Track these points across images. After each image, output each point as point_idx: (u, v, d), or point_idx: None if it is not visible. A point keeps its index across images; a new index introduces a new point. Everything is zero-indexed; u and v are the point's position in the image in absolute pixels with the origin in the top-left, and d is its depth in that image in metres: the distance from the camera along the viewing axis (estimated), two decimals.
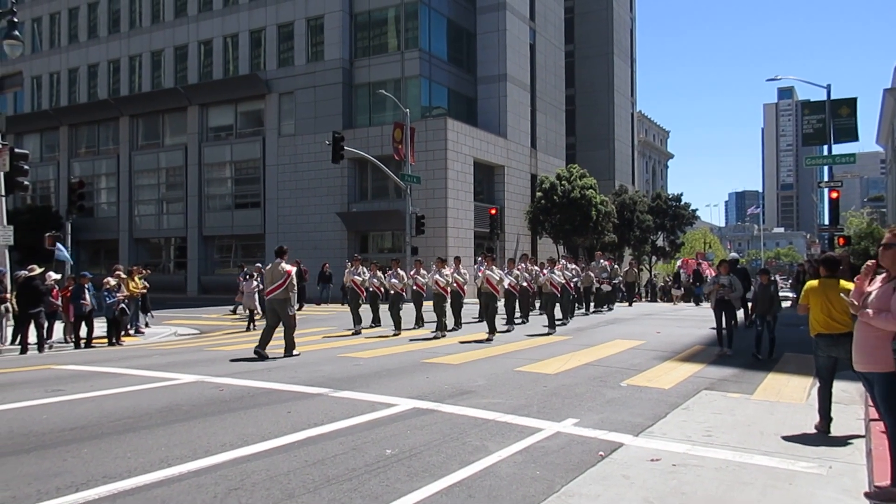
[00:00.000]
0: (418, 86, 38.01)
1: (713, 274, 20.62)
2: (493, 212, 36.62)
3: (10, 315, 15.34)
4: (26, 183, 17.49)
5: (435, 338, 14.70)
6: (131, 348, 15.00)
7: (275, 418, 6.98)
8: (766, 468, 5.33)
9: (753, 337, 11.75)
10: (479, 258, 15.99)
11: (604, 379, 9.32)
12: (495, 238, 37.30)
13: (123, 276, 17.19)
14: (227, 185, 43.82)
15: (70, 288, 16.00)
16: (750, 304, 13.64)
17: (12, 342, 15.18)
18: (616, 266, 25.31)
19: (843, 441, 6.15)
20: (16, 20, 17.66)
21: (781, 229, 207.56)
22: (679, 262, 53.59)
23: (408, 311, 17.53)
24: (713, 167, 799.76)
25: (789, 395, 8.36)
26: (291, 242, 38.77)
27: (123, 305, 16.09)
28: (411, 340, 14.41)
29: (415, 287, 17.02)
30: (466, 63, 41.93)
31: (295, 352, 12.11)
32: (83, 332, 15.48)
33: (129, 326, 17.48)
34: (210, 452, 5.65)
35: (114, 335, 15.73)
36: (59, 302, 15.64)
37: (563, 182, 40.99)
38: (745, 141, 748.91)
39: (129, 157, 46.20)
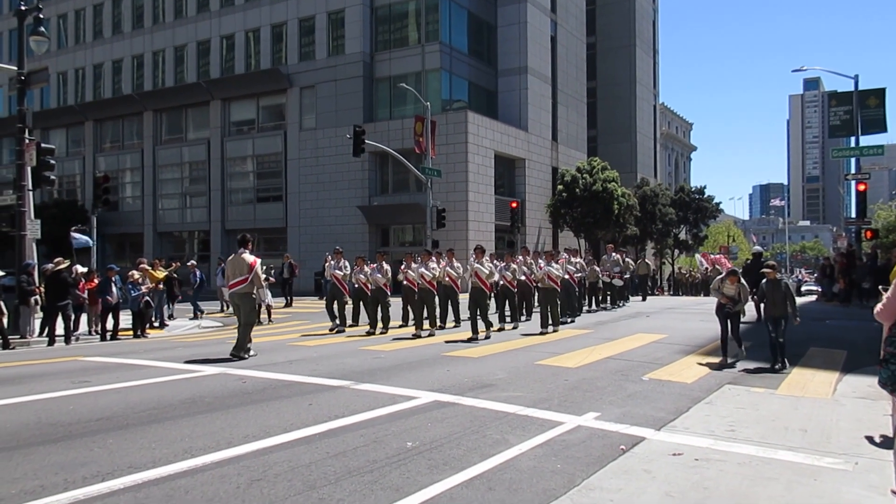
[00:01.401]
0: (439, 79, 37.93)
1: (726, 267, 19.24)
2: (514, 205, 36.47)
3: (38, 307, 15.60)
4: (53, 177, 17.75)
5: (416, 336, 13.76)
6: (156, 341, 15.19)
7: (296, 410, 7.03)
8: (791, 463, 5.27)
9: (768, 346, 9.99)
10: (473, 253, 14.65)
11: (625, 373, 9.27)
12: (516, 231, 37.16)
13: (148, 268, 17.38)
14: (250, 179, 44.13)
15: (96, 281, 16.22)
16: (762, 304, 11.24)
17: (40, 334, 15.44)
18: (629, 259, 23.53)
19: (869, 437, 6.06)
20: (41, 17, 17.89)
21: (807, 222, 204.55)
22: (699, 256, 53.09)
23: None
24: (737, 160, 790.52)
25: (815, 390, 8.25)
26: (313, 236, 39.11)
27: (148, 298, 16.28)
28: (395, 339, 13.57)
29: (405, 282, 15.45)
30: (487, 56, 41.76)
31: (252, 353, 11.07)
32: (109, 324, 15.69)
33: (153, 319, 17.69)
34: (233, 444, 5.71)
35: (139, 327, 15.93)
36: (86, 294, 15.87)
37: (584, 175, 40.74)
38: (769, 133, 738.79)
39: (152, 151, 46.67)
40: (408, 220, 37.85)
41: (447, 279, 14.87)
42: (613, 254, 21.66)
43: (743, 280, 10.33)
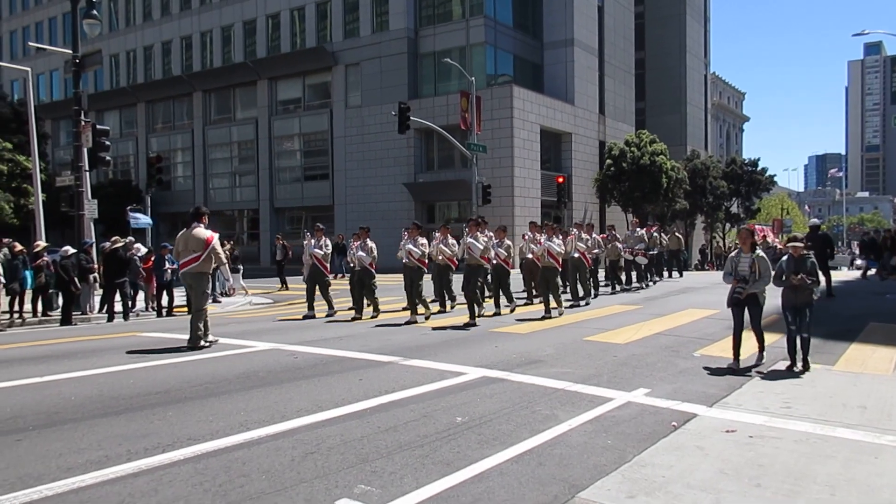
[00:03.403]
0: (483, 53, 37.57)
1: (777, 243, 16.74)
2: (561, 180, 36.08)
3: (97, 285, 16.14)
4: (108, 158, 18.21)
5: (407, 323, 12.49)
6: (209, 317, 15.53)
7: (347, 385, 7.14)
8: (850, 441, 5.14)
9: (795, 334, 7.85)
10: (466, 227, 13.37)
11: (676, 349, 9.15)
12: (563, 207, 36.82)
13: None
14: (297, 158, 44.64)
15: (152, 259, 16.66)
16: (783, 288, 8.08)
17: (99, 311, 15.97)
18: (656, 234, 20.87)
19: None
20: (93, 0, 18.26)
21: (866, 193, 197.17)
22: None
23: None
24: (792, 130, 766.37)
25: (874, 366, 8.02)
26: (359, 213, 39.38)
27: None
28: (377, 326, 12.27)
29: (405, 260, 13.98)
30: (532, 28, 41.14)
31: (210, 338, 10.00)
32: (164, 300, 16.13)
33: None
34: (286, 417, 5.84)
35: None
36: (143, 272, 16.33)
37: (632, 148, 40.02)
38: (826, 102, 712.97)
39: (202, 131, 47.51)
40: (454, 197, 37.82)
41: (441, 257, 13.56)
42: (638, 229, 19.66)
43: (760, 251, 8.08)
